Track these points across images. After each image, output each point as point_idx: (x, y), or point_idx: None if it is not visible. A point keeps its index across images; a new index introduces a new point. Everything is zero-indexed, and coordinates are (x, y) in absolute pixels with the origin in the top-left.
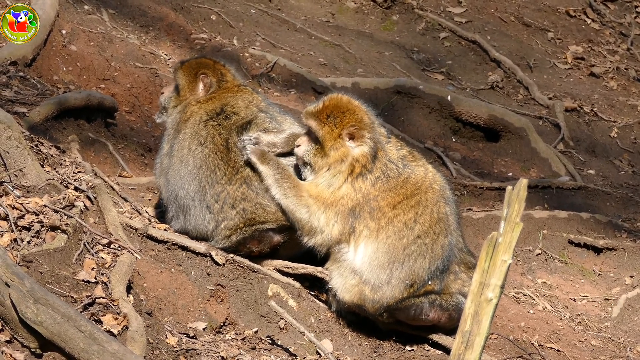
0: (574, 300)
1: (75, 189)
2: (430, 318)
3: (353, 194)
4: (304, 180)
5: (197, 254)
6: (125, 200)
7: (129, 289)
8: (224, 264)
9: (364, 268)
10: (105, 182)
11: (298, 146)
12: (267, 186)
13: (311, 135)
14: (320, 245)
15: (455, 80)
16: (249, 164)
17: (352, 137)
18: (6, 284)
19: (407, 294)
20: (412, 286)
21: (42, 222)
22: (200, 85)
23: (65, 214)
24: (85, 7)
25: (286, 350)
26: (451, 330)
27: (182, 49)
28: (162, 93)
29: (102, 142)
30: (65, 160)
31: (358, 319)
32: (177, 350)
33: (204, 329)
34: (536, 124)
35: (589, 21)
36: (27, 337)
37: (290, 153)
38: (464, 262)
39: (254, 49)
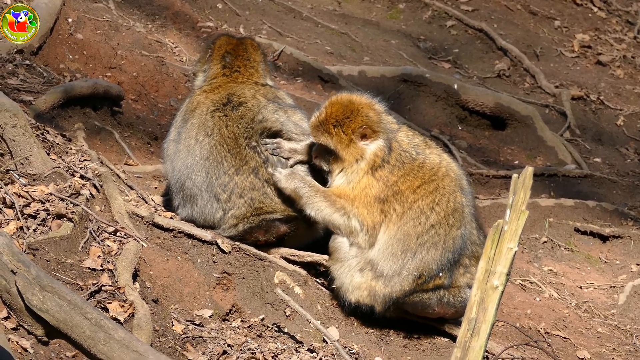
0: (580, 287)
1: (81, 177)
2: (436, 312)
3: (375, 182)
4: (326, 185)
5: (203, 241)
6: (131, 188)
7: (135, 276)
8: (230, 252)
9: (379, 258)
10: (111, 170)
11: (315, 157)
12: (301, 207)
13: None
14: (364, 241)
15: (461, 69)
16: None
17: (364, 136)
18: (12, 271)
19: (415, 286)
20: (420, 277)
21: (48, 210)
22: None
23: (71, 202)
24: None
25: (292, 337)
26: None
27: (188, 37)
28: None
29: (108, 130)
30: (71, 149)
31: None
32: (184, 338)
33: (210, 317)
34: (542, 112)
35: (595, 9)
36: (33, 324)
37: (309, 160)
38: (475, 255)
39: (260, 37)
